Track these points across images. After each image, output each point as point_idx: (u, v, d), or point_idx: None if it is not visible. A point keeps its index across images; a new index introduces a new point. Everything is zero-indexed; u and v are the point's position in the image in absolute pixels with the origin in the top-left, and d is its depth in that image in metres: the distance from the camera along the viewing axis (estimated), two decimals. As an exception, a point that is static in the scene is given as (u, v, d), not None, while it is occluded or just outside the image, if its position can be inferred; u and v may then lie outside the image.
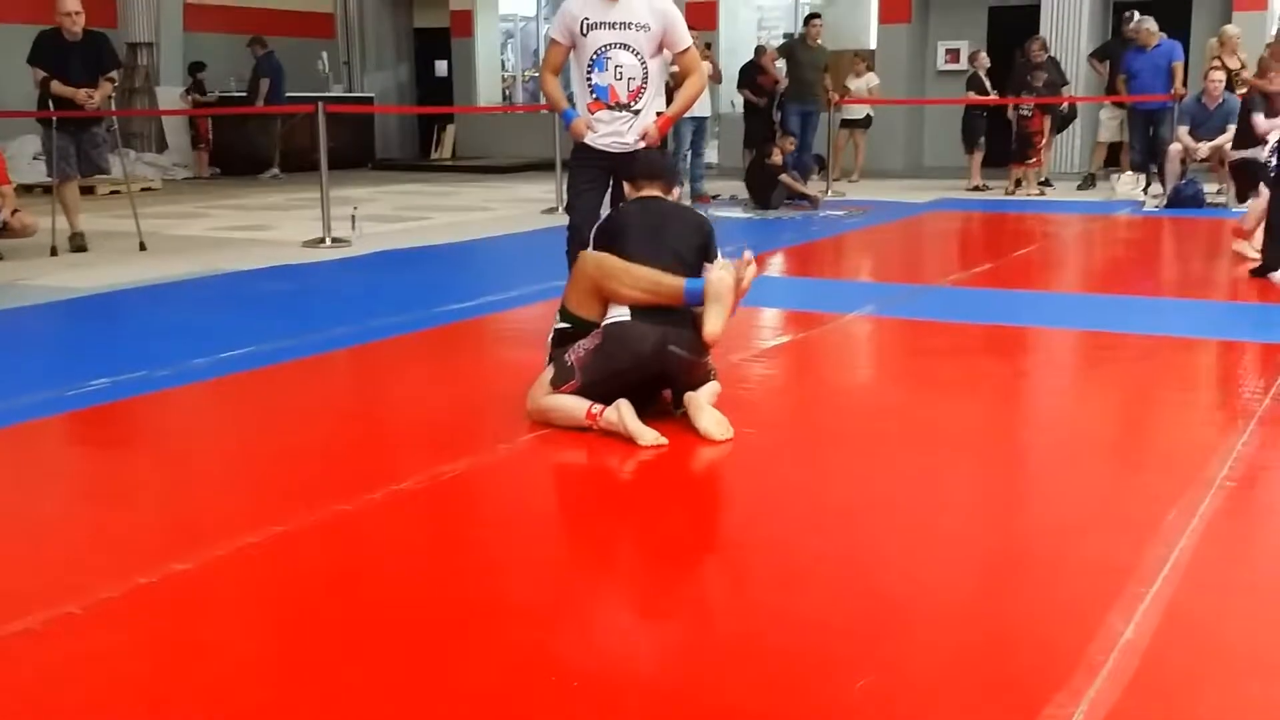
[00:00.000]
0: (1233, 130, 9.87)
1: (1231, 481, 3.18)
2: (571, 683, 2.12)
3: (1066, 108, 12.61)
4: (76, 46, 7.89)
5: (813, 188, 11.46)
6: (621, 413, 3.52)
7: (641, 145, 4.73)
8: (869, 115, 13.95)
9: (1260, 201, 7.20)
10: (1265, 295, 6.15)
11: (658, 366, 3.66)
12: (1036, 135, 12.06)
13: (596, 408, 3.57)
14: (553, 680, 2.13)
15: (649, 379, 3.70)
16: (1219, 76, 10.29)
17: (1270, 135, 8.85)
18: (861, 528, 2.94)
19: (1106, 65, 12.47)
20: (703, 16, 14.84)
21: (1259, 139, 9.25)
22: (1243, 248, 7.13)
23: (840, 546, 2.82)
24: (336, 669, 2.19)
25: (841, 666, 2.18)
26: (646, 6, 4.66)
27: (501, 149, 17.28)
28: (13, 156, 11.60)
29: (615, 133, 4.71)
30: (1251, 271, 6.55)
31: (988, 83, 12.55)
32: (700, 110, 10.88)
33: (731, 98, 14.16)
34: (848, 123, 13.71)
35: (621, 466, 3.40)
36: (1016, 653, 2.26)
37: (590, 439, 3.57)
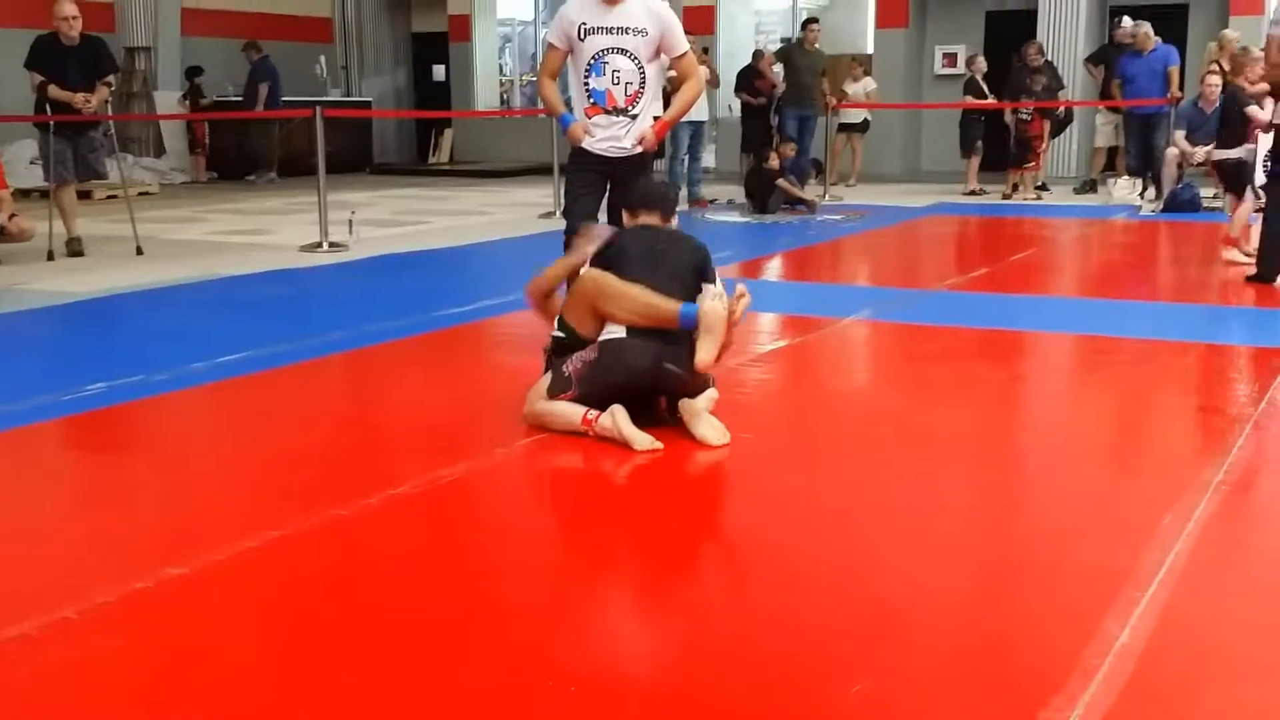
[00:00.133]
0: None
1: (1227, 486, 3.18)
2: (569, 686, 2.12)
3: (1063, 112, 12.63)
4: (74, 51, 7.89)
5: (810, 192, 11.47)
6: (616, 418, 3.53)
7: (639, 149, 4.74)
8: (866, 119, 13.97)
9: (1245, 206, 7.20)
10: (1260, 299, 6.16)
11: (653, 382, 3.68)
12: (1036, 140, 12.07)
13: (592, 413, 3.58)
14: (550, 684, 2.13)
15: (644, 393, 3.72)
16: (1216, 81, 10.28)
17: (1261, 134, 8.62)
18: (858, 532, 2.94)
19: (1101, 70, 12.49)
20: (700, 21, 14.88)
21: (1245, 138, 9.03)
22: (1232, 255, 7.13)
23: (837, 550, 2.82)
24: (333, 673, 2.19)
25: (839, 670, 2.18)
26: (644, 11, 4.66)
27: (499, 153, 17.29)
28: (10, 161, 11.62)
29: (613, 137, 4.72)
30: (1248, 278, 6.56)
31: (985, 87, 12.56)
32: (698, 115, 10.90)
33: (729, 102, 14.18)
34: (845, 127, 13.72)
35: (618, 471, 3.40)
36: (1013, 656, 2.27)
37: (587, 444, 3.57)
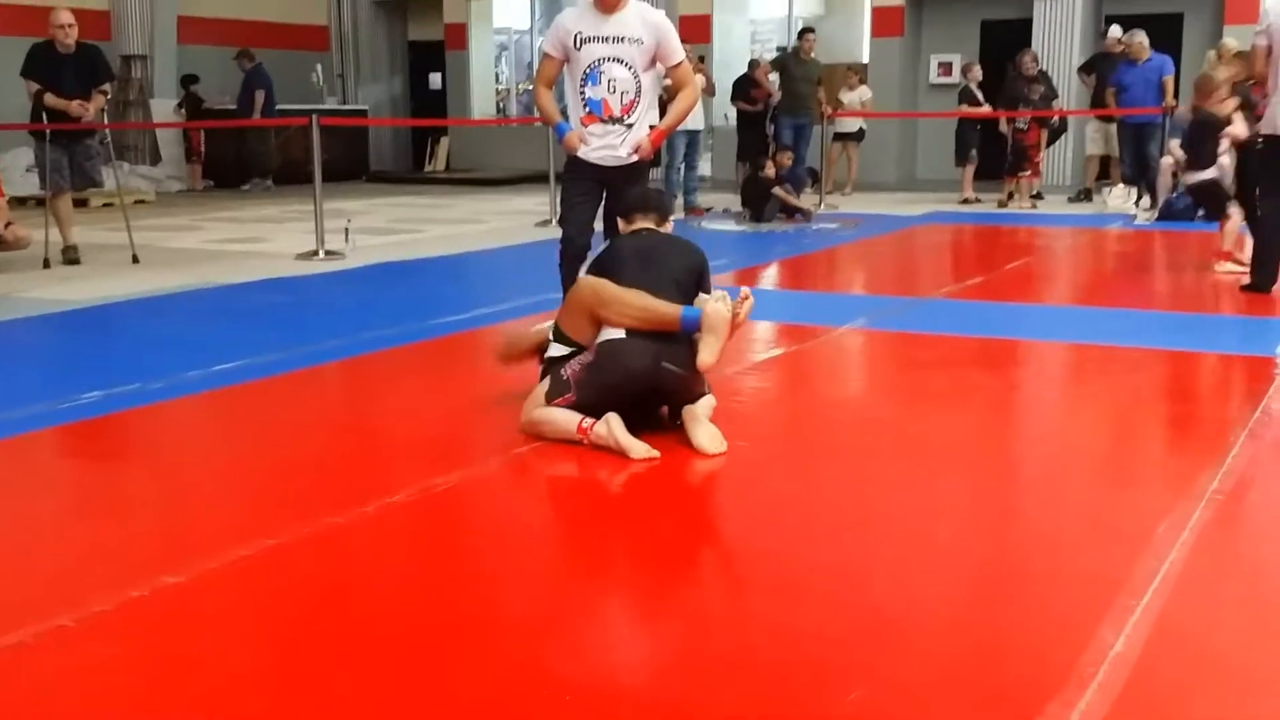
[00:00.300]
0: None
1: (1221, 494, 3.19)
2: (564, 695, 2.12)
3: (1057, 121, 12.67)
4: (70, 59, 7.90)
5: (806, 201, 11.49)
6: (611, 426, 3.52)
7: (635, 158, 4.75)
8: (862, 128, 14.01)
9: (1234, 219, 7.21)
10: (1255, 308, 6.17)
11: (651, 382, 3.65)
12: (1033, 148, 12.11)
13: (587, 422, 3.57)
14: (545, 693, 2.13)
15: (643, 395, 3.70)
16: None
17: (1222, 156, 8.29)
18: (854, 540, 2.94)
19: (1093, 79, 12.52)
20: (696, 30, 14.92)
21: (1214, 158, 8.64)
22: (1226, 268, 7.13)
23: (833, 558, 2.82)
24: (329, 682, 2.19)
25: (835, 678, 2.18)
26: (640, 20, 4.68)
27: (495, 162, 17.31)
28: (5, 169, 11.64)
29: (608, 146, 4.73)
30: (1242, 286, 6.57)
31: (980, 96, 12.60)
32: (693, 123, 10.94)
33: (725, 111, 14.20)
34: (840, 136, 13.75)
35: (614, 479, 3.40)
36: (1008, 664, 2.27)
37: (583, 452, 3.57)
